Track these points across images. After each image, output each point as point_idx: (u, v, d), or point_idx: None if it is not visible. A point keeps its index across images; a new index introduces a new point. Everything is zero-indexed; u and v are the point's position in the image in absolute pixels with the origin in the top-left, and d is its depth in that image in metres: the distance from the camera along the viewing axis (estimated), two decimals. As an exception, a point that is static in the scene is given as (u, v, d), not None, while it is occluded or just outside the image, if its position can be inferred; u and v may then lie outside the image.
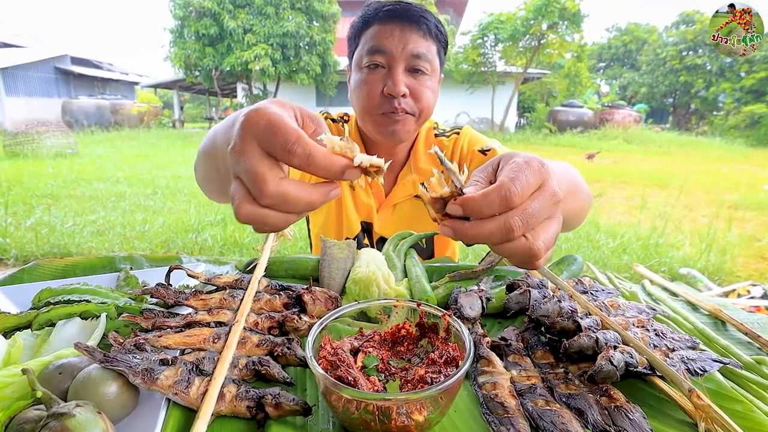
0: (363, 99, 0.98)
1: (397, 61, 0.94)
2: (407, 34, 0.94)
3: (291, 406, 0.46)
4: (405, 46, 0.93)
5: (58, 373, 0.46)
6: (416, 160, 1.13)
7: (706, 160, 10.89)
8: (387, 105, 0.95)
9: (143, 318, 0.56)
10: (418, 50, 0.94)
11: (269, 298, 0.64)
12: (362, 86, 0.97)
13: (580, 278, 0.77)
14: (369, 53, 0.95)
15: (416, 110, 0.98)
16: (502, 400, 0.48)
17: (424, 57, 0.95)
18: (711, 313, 0.76)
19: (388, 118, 0.96)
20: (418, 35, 0.94)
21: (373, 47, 0.94)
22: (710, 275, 3.27)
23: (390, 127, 0.98)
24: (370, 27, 0.97)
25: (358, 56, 0.98)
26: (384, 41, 0.93)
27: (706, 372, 0.54)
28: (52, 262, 0.84)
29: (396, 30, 0.94)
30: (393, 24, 0.94)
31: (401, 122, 0.97)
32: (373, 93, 0.96)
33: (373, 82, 0.96)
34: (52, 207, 4.52)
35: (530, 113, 18.71)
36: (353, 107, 1.06)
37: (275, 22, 14.05)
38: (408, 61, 0.94)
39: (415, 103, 0.97)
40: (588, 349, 0.54)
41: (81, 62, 20.91)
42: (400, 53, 0.93)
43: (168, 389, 0.45)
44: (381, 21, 0.95)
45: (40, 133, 8.48)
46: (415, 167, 1.12)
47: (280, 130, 0.35)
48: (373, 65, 0.95)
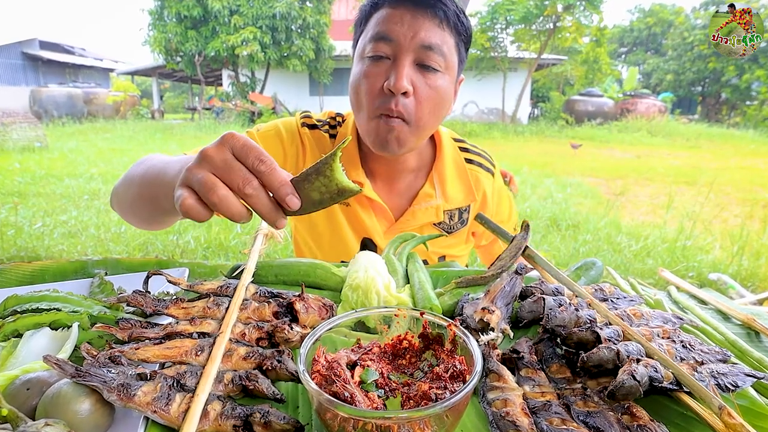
0: (359, 95, 0.92)
1: (404, 51, 0.87)
2: (419, 20, 0.87)
3: (281, 425, 0.46)
4: (415, 35, 0.87)
5: (26, 388, 0.46)
6: (443, 183, 1.06)
7: (739, 155, 10.89)
8: (383, 104, 0.89)
9: (119, 328, 0.56)
10: (431, 40, 0.87)
11: (257, 306, 0.64)
12: (361, 80, 0.92)
13: (600, 285, 0.77)
14: (373, 40, 0.89)
15: (412, 117, 0.90)
16: (513, 419, 0.48)
17: (437, 49, 0.88)
18: (743, 322, 0.76)
19: (381, 123, 0.90)
20: (432, 23, 0.88)
21: (378, 33, 0.89)
22: (743, 281, 3.28)
23: (382, 136, 0.91)
24: (378, 10, 0.91)
25: (362, 44, 0.93)
26: (391, 27, 0.88)
27: (738, 387, 0.54)
28: (19, 266, 0.84)
29: (407, 15, 0.88)
30: (404, 8, 0.88)
31: (395, 133, 0.90)
32: (371, 87, 0.90)
33: (374, 76, 0.90)
34: (19, 206, 4.52)
35: (545, 103, 18.73)
36: (351, 105, 1.00)
37: (264, 3, 14.06)
38: (417, 53, 0.88)
39: (417, 106, 0.89)
40: (608, 362, 0.54)
41: (51, 47, 20.94)
42: (409, 42, 0.87)
43: (146, 407, 0.45)
44: (391, 4, 0.90)
45: (6, 124, 8.49)
46: (442, 191, 1.06)
47: (254, 146, 0.50)
48: (377, 56, 0.89)
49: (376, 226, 1.06)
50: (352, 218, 1.07)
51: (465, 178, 1.10)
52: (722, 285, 2.94)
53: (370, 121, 0.92)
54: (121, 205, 0.88)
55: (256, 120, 13.37)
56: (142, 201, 0.77)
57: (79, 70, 21.33)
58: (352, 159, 1.04)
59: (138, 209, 0.82)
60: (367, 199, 1.05)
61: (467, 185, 1.10)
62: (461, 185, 1.09)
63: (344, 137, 1.04)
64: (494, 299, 0.68)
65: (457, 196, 1.08)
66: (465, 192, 1.09)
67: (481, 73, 16.21)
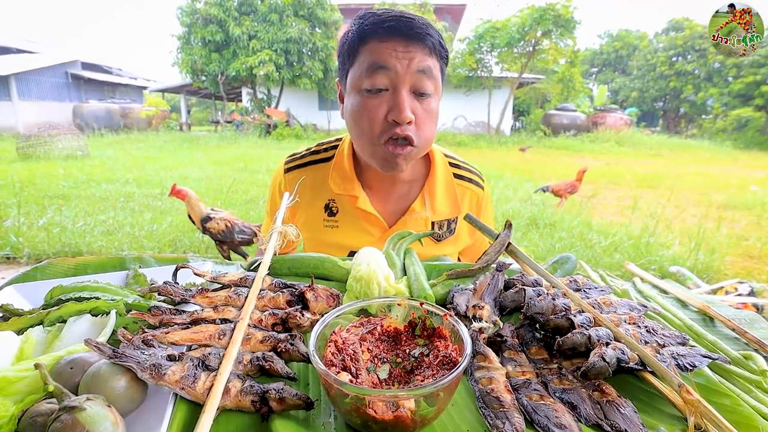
0: (364, 126, 0.87)
1: (403, 80, 0.83)
2: (411, 50, 0.83)
3: (294, 400, 0.46)
4: (410, 62, 0.83)
5: (70, 368, 0.46)
6: (432, 199, 1.04)
7: (696, 162, 10.89)
8: (388, 133, 0.85)
9: (151, 315, 0.56)
10: (424, 66, 0.84)
11: (273, 296, 0.64)
12: (362, 112, 0.86)
13: (574, 276, 0.77)
14: (370, 72, 0.84)
15: (419, 140, 0.88)
16: (497, 395, 0.48)
17: (430, 73, 0.85)
18: (700, 310, 0.76)
19: (390, 149, 0.87)
20: (423, 52, 0.84)
21: (375, 64, 0.83)
22: (699, 273, 3.27)
23: (392, 160, 0.88)
24: (367, 43, 0.85)
25: (355, 77, 0.87)
26: (386, 58, 0.83)
27: (696, 367, 0.53)
28: (64, 261, 0.84)
29: (399, 46, 0.83)
30: (395, 40, 0.83)
31: (403, 155, 0.88)
32: (374, 119, 0.85)
33: (374, 107, 0.85)
34: (63, 207, 4.52)
35: (525, 117, 18.70)
36: (349, 131, 0.95)
37: (279, 29, 14.04)
38: (413, 81, 0.84)
39: (417, 130, 0.87)
40: (581, 345, 0.54)
41: (91, 67, 20.91)
42: (406, 70, 0.83)
43: (175, 384, 0.45)
44: (381, 37, 0.83)
45: (52, 135, 8.48)
46: (431, 206, 1.04)
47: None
48: (376, 90, 0.84)
49: (367, 237, 1.03)
50: (340, 236, 1.04)
51: (452, 193, 1.08)
52: (681, 276, 2.93)
53: (375, 147, 0.89)
54: None
55: (271, 131, 13.35)
56: None
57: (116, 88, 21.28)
58: (347, 175, 1.02)
59: None
60: (361, 211, 1.02)
61: (454, 200, 1.08)
62: (448, 200, 1.07)
63: (342, 156, 1.03)
64: (482, 296, 0.68)
65: (444, 210, 1.06)
66: (451, 206, 1.07)
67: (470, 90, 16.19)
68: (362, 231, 1.04)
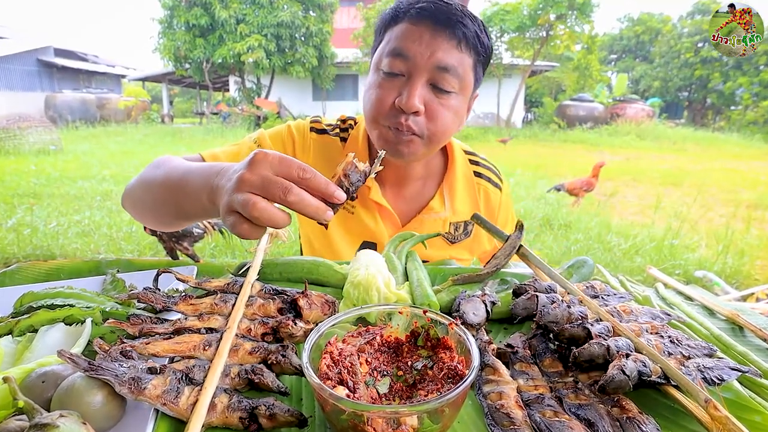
0: (371, 105, 0.91)
1: (419, 71, 0.85)
2: (437, 40, 0.83)
3: (286, 417, 0.46)
4: (432, 55, 0.83)
5: (41, 381, 0.46)
6: (453, 197, 1.05)
7: (724, 157, 10.89)
8: (394, 118, 0.87)
9: (130, 324, 0.56)
10: (447, 62, 0.84)
11: (263, 303, 0.63)
12: (374, 91, 0.90)
13: (591, 282, 0.77)
14: (390, 55, 0.87)
15: (425, 132, 0.89)
16: (508, 411, 0.48)
17: (453, 71, 0.85)
18: (728, 318, 0.76)
19: (393, 133, 0.89)
20: (450, 44, 0.84)
21: (395, 50, 0.86)
22: (727, 278, 3.27)
23: (394, 145, 0.90)
24: (398, 23, 0.87)
25: (378, 55, 0.91)
26: (408, 45, 0.84)
27: (724, 381, 0.53)
28: (35, 265, 0.84)
29: (426, 33, 0.84)
30: (423, 26, 0.84)
31: (406, 143, 0.89)
32: (383, 101, 0.88)
33: (387, 89, 0.88)
34: (34, 206, 4.52)
35: (538, 108, 18.72)
36: (363, 108, 0.99)
37: (269, 12, 14.06)
38: (432, 74, 0.85)
39: (428, 123, 0.88)
40: (599, 357, 0.54)
41: (65, 54, 20.92)
42: (425, 62, 0.84)
43: (156, 399, 0.45)
44: (411, 19, 0.85)
45: (22, 128, 8.49)
46: (451, 205, 1.05)
47: (292, 159, 0.54)
48: (392, 73, 0.87)
49: (381, 230, 1.05)
50: (354, 223, 1.06)
51: (473, 191, 1.08)
52: (708, 282, 2.93)
53: (381, 130, 0.91)
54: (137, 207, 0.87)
55: (261, 124, 13.36)
56: (164, 206, 0.77)
57: (92, 77, 21.29)
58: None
59: (159, 213, 0.81)
60: (374, 203, 1.03)
61: (474, 199, 1.08)
62: (468, 199, 1.07)
63: (356, 140, 1.05)
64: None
65: (464, 210, 1.07)
66: (471, 205, 1.07)
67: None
68: (376, 223, 1.05)
